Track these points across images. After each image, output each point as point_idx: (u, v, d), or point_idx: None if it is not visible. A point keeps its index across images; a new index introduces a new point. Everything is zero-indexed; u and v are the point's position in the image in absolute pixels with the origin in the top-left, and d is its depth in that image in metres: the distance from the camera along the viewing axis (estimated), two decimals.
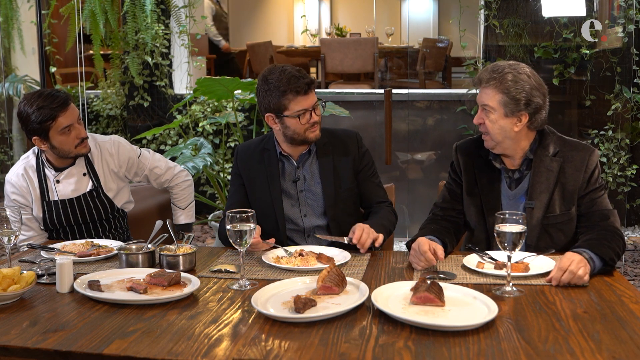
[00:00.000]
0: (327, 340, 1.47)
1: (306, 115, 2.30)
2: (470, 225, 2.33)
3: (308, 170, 2.44)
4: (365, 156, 2.50)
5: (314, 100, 2.32)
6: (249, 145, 2.52)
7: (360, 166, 2.48)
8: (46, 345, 1.49)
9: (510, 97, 2.09)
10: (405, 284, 1.79)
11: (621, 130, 4.67)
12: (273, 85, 2.29)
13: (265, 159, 2.45)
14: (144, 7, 5.02)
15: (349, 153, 2.47)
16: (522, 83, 2.09)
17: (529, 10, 4.82)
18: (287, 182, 2.43)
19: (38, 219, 2.60)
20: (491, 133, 2.14)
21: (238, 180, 2.50)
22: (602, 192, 2.18)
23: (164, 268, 2.03)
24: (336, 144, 2.47)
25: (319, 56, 6.29)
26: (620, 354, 1.38)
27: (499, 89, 2.10)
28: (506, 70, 2.11)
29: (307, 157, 2.44)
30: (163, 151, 5.23)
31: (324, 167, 2.43)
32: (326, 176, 2.42)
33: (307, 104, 2.30)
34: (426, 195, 5.18)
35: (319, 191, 2.43)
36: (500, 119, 2.11)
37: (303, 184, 2.43)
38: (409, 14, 10.13)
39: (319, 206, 2.43)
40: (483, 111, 2.15)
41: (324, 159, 2.44)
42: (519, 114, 2.10)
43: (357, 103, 5.32)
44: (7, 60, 6.25)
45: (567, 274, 1.81)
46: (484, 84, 2.13)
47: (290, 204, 2.43)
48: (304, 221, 2.42)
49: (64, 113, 2.46)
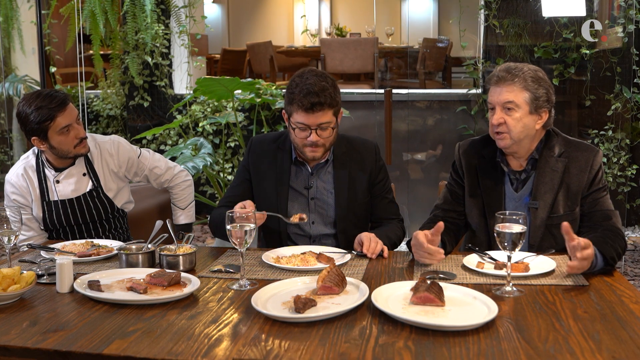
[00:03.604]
0: (327, 340, 1.47)
1: (304, 132, 2.25)
2: (471, 226, 2.32)
3: (322, 178, 2.40)
4: (381, 171, 2.45)
5: (318, 121, 2.23)
6: (264, 140, 2.46)
7: (376, 181, 2.44)
8: (46, 345, 1.48)
9: (534, 94, 2.11)
10: (405, 284, 1.79)
11: (621, 130, 4.67)
12: (291, 87, 2.24)
13: (278, 159, 2.40)
14: (144, 7, 5.02)
15: (366, 167, 2.42)
16: (541, 80, 2.13)
17: (529, 10, 4.82)
18: (298, 187, 2.39)
19: (38, 219, 2.60)
20: (512, 131, 2.12)
21: (245, 174, 2.46)
22: (605, 192, 2.18)
23: (164, 268, 2.02)
24: (354, 155, 2.42)
25: (319, 56, 6.29)
26: (620, 354, 1.38)
27: (523, 86, 2.11)
28: (525, 69, 2.13)
29: (323, 165, 2.40)
30: (163, 151, 5.23)
31: (340, 179, 2.39)
32: (341, 188, 2.38)
33: (308, 121, 2.23)
34: (426, 195, 5.19)
35: (331, 201, 2.39)
36: (525, 117, 2.12)
37: (315, 192, 2.39)
38: (409, 14, 10.15)
39: (329, 216, 2.39)
40: (504, 110, 2.13)
41: (341, 170, 2.39)
42: (541, 111, 2.13)
43: (357, 103, 5.32)
44: (7, 60, 6.25)
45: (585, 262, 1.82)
46: (508, 82, 2.12)
47: (299, 210, 2.38)
48: (311, 228, 2.39)
49: (63, 113, 2.46)
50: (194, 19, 5.28)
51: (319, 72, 2.28)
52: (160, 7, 5.29)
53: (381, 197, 2.46)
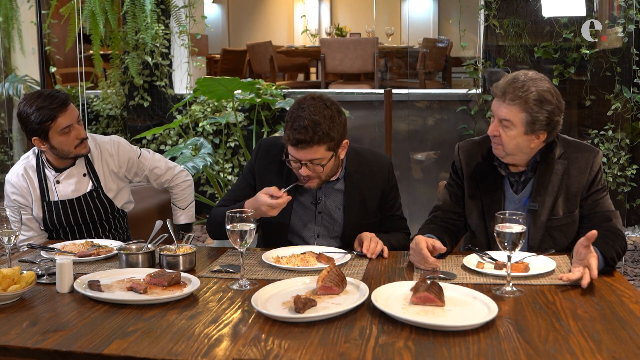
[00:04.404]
0: (327, 340, 1.47)
1: (295, 164, 2.16)
2: (471, 228, 2.31)
3: (332, 195, 2.32)
4: (392, 190, 2.39)
5: (306, 157, 2.12)
6: (272, 147, 2.36)
7: (387, 200, 2.38)
8: (46, 345, 1.48)
9: (533, 117, 2.03)
10: (405, 284, 1.79)
11: (621, 130, 4.67)
12: (288, 114, 2.14)
13: (285, 169, 2.29)
14: (144, 7, 5.02)
15: (378, 185, 2.34)
16: (546, 103, 2.03)
17: (529, 10, 4.82)
18: (305, 200, 2.32)
19: (38, 219, 2.60)
20: (506, 146, 2.09)
21: (250, 178, 2.38)
22: (605, 193, 2.17)
23: (164, 268, 2.02)
24: (366, 172, 2.33)
25: (319, 56, 6.29)
26: (620, 354, 1.38)
27: (522, 107, 2.03)
28: (531, 89, 2.03)
29: (334, 182, 2.31)
30: (163, 151, 5.23)
31: (351, 197, 2.30)
32: (351, 206, 2.31)
33: (297, 155, 2.14)
34: (426, 195, 5.19)
35: (339, 218, 2.32)
36: (519, 136, 2.06)
37: (323, 207, 2.32)
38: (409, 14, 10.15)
39: (335, 231, 2.33)
40: (500, 124, 2.08)
41: (352, 189, 2.30)
42: (539, 133, 2.07)
43: (357, 103, 5.32)
44: (7, 60, 6.25)
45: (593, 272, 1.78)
46: (508, 100, 2.05)
47: (304, 222, 2.33)
48: (316, 241, 2.33)
49: (64, 113, 2.46)
50: (194, 19, 5.28)
51: (319, 102, 2.13)
52: (160, 7, 5.29)
53: (391, 215, 2.41)
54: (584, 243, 1.80)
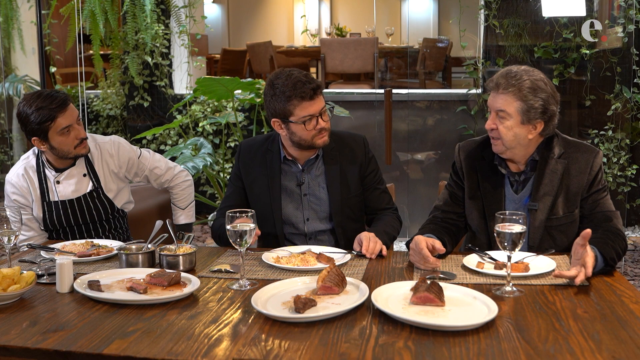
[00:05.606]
0: (327, 340, 1.47)
1: (312, 122, 2.27)
2: (471, 228, 2.31)
3: (313, 174, 2.41)
4: (371, 162, 2.47)
5: (320, 106, 2.27)
6: (252, 144, 2.48)
7: (366, 172, 2.46)
8: (46, 345, 1.48)
9: (528, 105, 2.06)
10: (405, 284, 1.79)
11: (621, 130, 4.67)
12: (279, 90, 2.25)
13: (267, 161, 2.42)
14: (144, 7, 5.02)
15: (356, 159, 2.44)
16: (539, 91, 2.06)
17: (529, 10, 4.82)
18: (290, 185, 2.41)
19: (38, 219, 2.60)
20: (504, 139, 2.10)
21: (238, 182, 2.48)
22: (605, 193, 2.17)
23: (164, 268, 2.03)
24: (343, 149, 2.44)
25: (319, 56, 6.29)
26: (620, 354, 1.38)
27: (517, 96, 2.06)
28: (524, 77, 2.07)
29: (313, 161, 2.41)
30: (163, 151, 5.23)
31: (331, 173, 2.40)
32: (333, 182, 2.40)
33: (312, 110, 2.26)
34: (426, 195, 5.19)
35: (324, 196, 2.40)
36: (516, 126, 2.08)
37: (307, 188, 2.41)
38: (409, 14, 10.14)
39: (323, 211, 2.41)
40: (497, 117, 2.10)
41: (331, 165, 2.41)
42: (535, 122, 2.08)
43: (357, 103, 5.32)
44: (7, 60, 6.25)
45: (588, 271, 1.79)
46: (501, 89, 2.08)
47: (292, 207, 2.41)
48: (306, 225, 2.41)
49: (63, 114, 2.46)
50: (194, 19, 5.29)
51: (291, 68, 2.33)
52: (160, 7, 5.29)
53: (373, 188, 2.47)
54: (580, 242, 1.80)
